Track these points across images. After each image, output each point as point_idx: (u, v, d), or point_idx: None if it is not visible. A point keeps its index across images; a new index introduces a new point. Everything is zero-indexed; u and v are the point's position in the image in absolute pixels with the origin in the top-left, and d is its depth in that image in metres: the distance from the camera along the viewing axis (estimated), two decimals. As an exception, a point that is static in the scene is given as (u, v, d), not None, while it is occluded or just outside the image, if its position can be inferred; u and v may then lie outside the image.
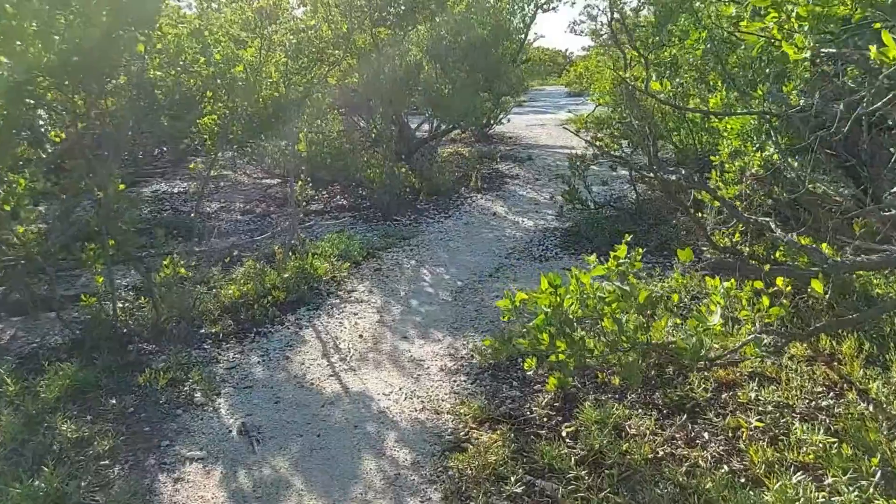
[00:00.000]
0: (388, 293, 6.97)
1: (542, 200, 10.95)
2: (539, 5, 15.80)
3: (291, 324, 6.23)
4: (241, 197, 11.46)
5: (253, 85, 6.33)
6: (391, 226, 9.55)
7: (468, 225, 9.59)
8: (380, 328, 6.10)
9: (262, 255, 7.96)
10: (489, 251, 8.33)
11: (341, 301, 6.74)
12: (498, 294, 6.77)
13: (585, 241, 8.32)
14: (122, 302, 6.29)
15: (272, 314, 6.34)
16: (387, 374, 5.23)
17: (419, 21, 12.21)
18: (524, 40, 16.12)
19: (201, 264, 7.51)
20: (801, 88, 4.02)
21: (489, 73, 12.27)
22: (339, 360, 5.49)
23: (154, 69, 5.51)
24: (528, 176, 12.88)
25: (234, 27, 6.48)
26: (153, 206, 10.82)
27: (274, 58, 6.79)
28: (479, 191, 11.49)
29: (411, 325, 6.16)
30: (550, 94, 32.12)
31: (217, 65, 5.99)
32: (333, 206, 10.86)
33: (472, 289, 7.03)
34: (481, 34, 11.77)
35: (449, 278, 7.41)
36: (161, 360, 5.44)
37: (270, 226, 9.70)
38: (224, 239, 9.04)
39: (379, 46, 9.99)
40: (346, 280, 7.31)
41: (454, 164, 13.19)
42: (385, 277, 7.44)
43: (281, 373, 5.32)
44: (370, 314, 6.42)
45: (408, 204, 10.61)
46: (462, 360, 5.38)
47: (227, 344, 5.85)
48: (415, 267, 7.81)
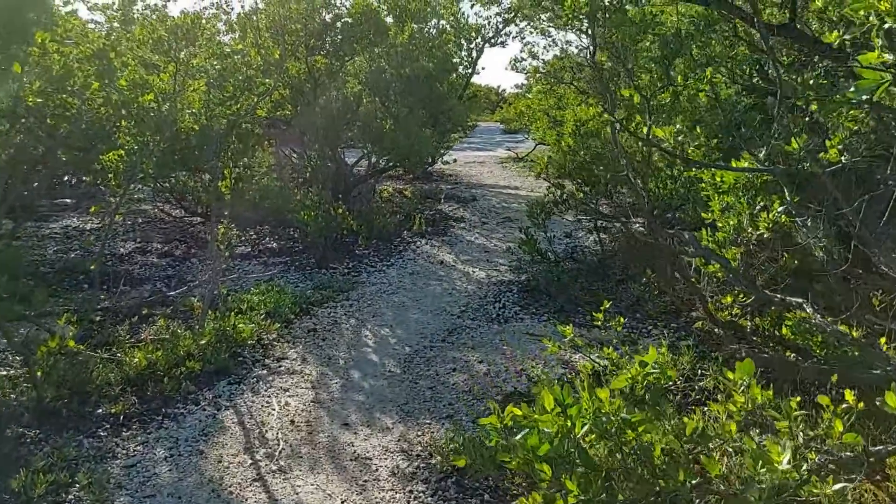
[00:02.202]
0: (325, 361, 5.96)
1: (493, 247, 10.12)
2: (486, 39, 15.17)
3: (209, 403, 5.14)
4: (160, 236, 10.23)
5: (166, 116, 5.30)
6: (327, 275, 8.53)
7: (414, 275, 8.65)
8: (315, 410, 5.08)
9: (177, 311, 6.84)
10: (439, 308, 7.41)
11: (269, 372, 5.69)
12: (455, 366, 5.84)
13: (546, 299, 7.49)
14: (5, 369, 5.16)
15: (186, 390, 5.25)
16: (325, 478, 4.21)
17: (357, 52, 11.36)
18: (471, 74, 15.46)
19: (105, 322, 6.35)
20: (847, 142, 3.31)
21: (433, 108, 11.46)
22: (265, 457, 4.43)
23: (32, 94, 4.43)
24: (473, 219, 12.06)
25: (143, 49, 5.44)
26: (60, 246, 9.49)
27: (193, 86, 5.78)
28: (423, 235, 10.58)
29: (354, 406, 5.16)
30: (485, 131, 31.65)
31: (122, 92, 4.95)
32: (262, 249, 9.77)
33: (424, 357, 6.07)
34: (426, 67, 10.97)
35: (395, 342, 6.44)
36: (44, 454, 4.31)
37: (191, 271, 8.55)
38: (136, 288, 7.86)
39: (315, 76, 9.06)
40: (276, 344, 6.26)
41: (395, 203, 12.26)
42: (321, 341, 6.41)
43: (192, 475, 4.24)
44: (304, 390, 5.39)
45: (345, 249, 9.62)
46: (418, 459, 4.40)
47: (127, 430, 4.74)
48: (355, 327, 6.82)
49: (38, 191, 9.96)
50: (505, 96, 40.43)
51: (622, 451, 2.53)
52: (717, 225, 5.18)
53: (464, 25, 14.53)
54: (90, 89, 4.70)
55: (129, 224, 10.67)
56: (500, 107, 38.02)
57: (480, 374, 5.65)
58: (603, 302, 5.31)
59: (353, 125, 10.89)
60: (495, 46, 16.83)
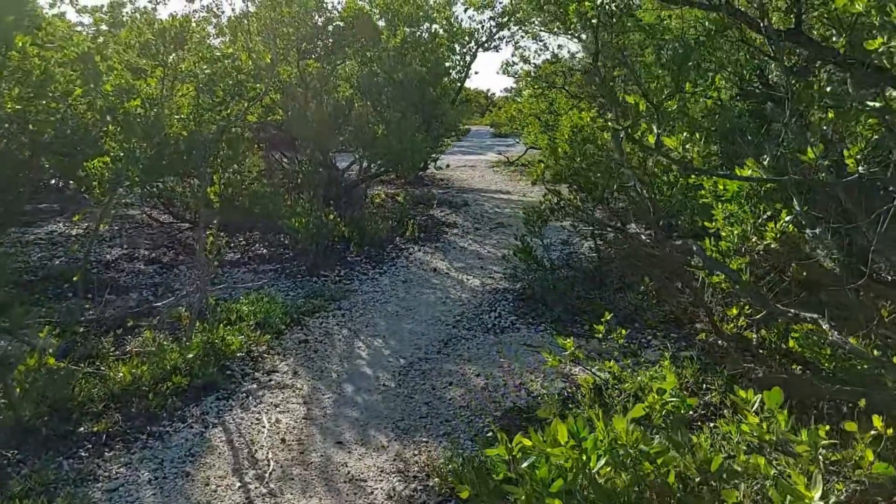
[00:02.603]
0: (317, 375, 5.78)
1: (486, 254, 9.96)
2: (480, 43, 15.01)
3: (196, 420, 4.96)
4: (148, 242, 10.02)
5: (154, 122, 5.12)
6: (318, 283, 8.36)
7: (407, 283, 8.48)
8: (307, 427, 4.90)
9: (163, 322, 6.65)
10: (434, 318, 7.24)
11: (259, 387, 5.51)
12: (451, 379, 5.67)
13: (542, 308, 7.33)
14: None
15: (172, 406, 5.07)
16: (318, 502, 4.03)
17: (348, 55, 11.19)
18: (464, 79, 15.29)
19: (89, 333, 6.15)
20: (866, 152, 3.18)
21: (426, 113, 11.29)
22: (254, 479, 4.25)
23: (11, 100, 4.22)
24: (466, 225, 11.89)
25: (130, 52, 5.25)
26: (44, 252, 9.27)
27: (182, 90, 5.59)
28: (415, 241, 10.40)
29: (347, 422, 4.99)
30: (475, 134, 31.49)
31: (107, 97, 4.76)
32: (252, 256, 9.58)
33: (419, 370, 5.90)
34: (419, 71, 10.80)
35: (389, 354, 6.27)
36: (21, 477, 4.13)
37: (178, 278, 8.36)
38: (122, 296, 7.66)
39: (306, 80, 8.88)
40: (266, 357, 6.08)
41: (386, 209, 12.07)
42: (313, 353, 6.24)
43: (178, 499, 4.05)
44: (295, 406, 5.22)
45: (337, 256, 9.44)
46: (416, 481, 4.23)
47: (110, 450, 4.56)
48: (348, 338, 6.65)
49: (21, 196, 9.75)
50: (494, 100, 40.33)
51: (640, 484, 2.37)
52: (720, 234, 5.05)
53: (457, 29, 14.36)
54: (72, 95, 4.50)
55: (116, 229, 10.45)
56: (489, 110, 37.90)
57: (478, 388, 5.49)
58: (602, 312, 5.17)
59: (344, 129, 10.71)
60: (489, 51, 16.72)
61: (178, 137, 5.75)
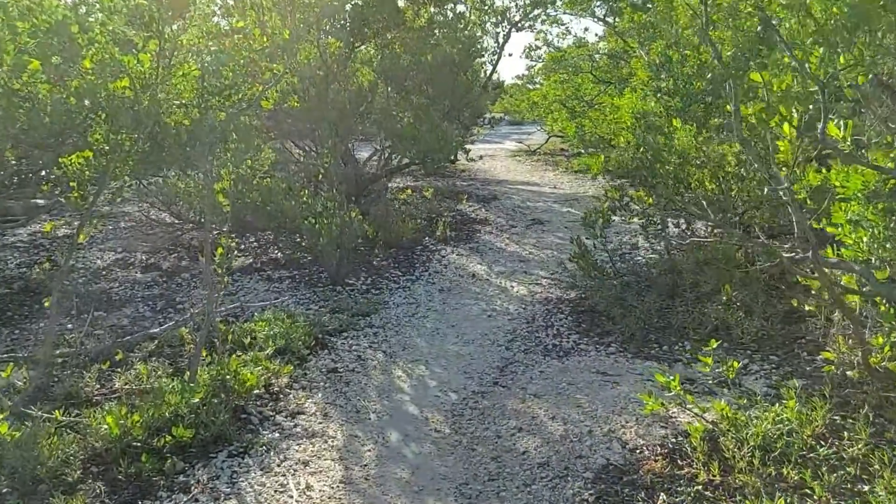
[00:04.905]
0: (353, 417, 4.71)
1: (527, 256, 8.86)
2: (513, 23, 13.84)
3: (203, 489, 3.86)
4: (145, 245, 8.91)
5: (147, 108, 4.05)
6: (343, 293, 7.28)
7: (444, 293, 7.39)
8: (347, 496, 3.82)
9: (162, 347, 5.59)
10: (482, 336, 6.16)
11: (282, 436, 4.43)
12: (519, 424, 4.55)
13: (606, 322, 6.24)
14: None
15: (172, 469, 3.98)
16: None
17: (368, 37, 10.10)
18: (497, 62, 14.13)
19: (68, 365, 5.07)
20: None
21: (456, 100, 10.17)
22: (283, 580, 3.20)
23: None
24: (499, 221, 10.78)
25: (115, 20, 4.17)
26: (24, 258, 8.19)
27: (182, 69, 4.51)
28: (446, 242, 9.31)
29: (397, 488, 3.91)
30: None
31: (85, 76, 3.69)
32: (266, 261, 8.52)
33: (477, 409, 4.82)
34: (450, 53, 9.67)
35: (436, 386, 5.20)
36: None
37: (181, 289, 7.30)
38: (114, 312, 6.60)
39: (327, 62, 7.78)
40: (289, 392, 5.01)
41: (411, 205, 10.98)
42: (345, 386, 5.17)
43: None
44: (329, 463, 4.14)
45: (361, 259, 8.36)
46: (501, 588, 3.17)
47: (88, 539, 3.50)
48: (384, 364, 5.58)
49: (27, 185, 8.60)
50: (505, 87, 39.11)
51: None
52: (842, 241, 3.95)
53: (489, 7, 13.21)
54: (25, 70, 3.45)
55: (110, 229, 9.37)
56: (500, 97, 36.68)
57: (556, 436, 4.39)
58: (684, 329, 4.09)
59: (366, 118, 9.62)
60: (522, 31, 15.45)
61: (179, 128, 4.68)
